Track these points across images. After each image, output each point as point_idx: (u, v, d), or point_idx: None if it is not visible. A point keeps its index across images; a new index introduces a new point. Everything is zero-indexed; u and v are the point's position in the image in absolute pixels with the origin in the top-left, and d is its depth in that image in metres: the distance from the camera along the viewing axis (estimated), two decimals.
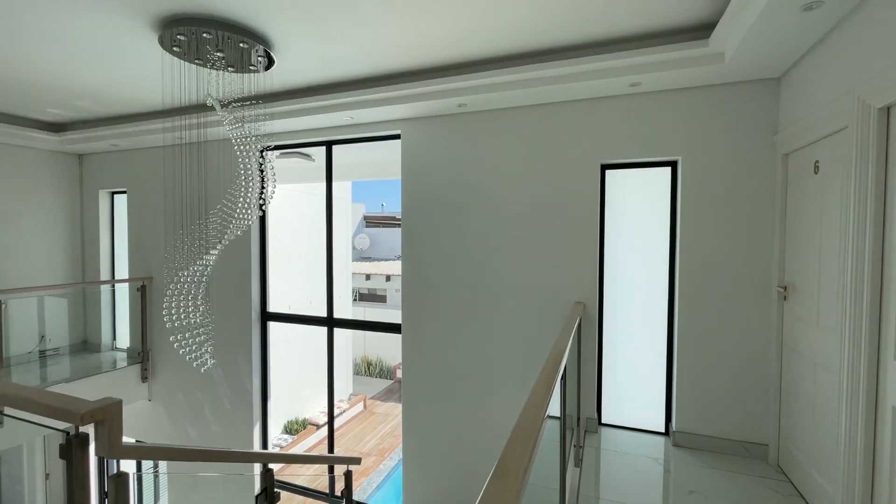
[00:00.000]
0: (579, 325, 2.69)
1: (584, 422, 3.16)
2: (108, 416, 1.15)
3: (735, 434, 2.83)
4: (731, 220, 2.84)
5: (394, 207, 20.88)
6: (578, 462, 2.70)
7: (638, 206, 3.23)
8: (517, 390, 3.36)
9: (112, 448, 1.17)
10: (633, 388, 3.24)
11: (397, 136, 3.80)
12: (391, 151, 4.11)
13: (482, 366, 3.47)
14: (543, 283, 3.28)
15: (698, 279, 2.92)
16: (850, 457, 1.84)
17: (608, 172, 3.24)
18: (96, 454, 1.18)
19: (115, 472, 1.28)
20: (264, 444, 4.60)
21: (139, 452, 1.40)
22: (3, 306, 3.82)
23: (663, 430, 3.14)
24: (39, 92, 3.59)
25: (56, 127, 4.63)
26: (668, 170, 3.11)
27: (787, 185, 2.62)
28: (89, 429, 1.16)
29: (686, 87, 2.90)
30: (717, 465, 2.70)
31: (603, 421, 3.28)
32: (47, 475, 5.60)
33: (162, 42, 2.53)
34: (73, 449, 1.16)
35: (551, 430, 1.57)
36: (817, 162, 2.27)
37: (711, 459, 2.77)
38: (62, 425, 1.22)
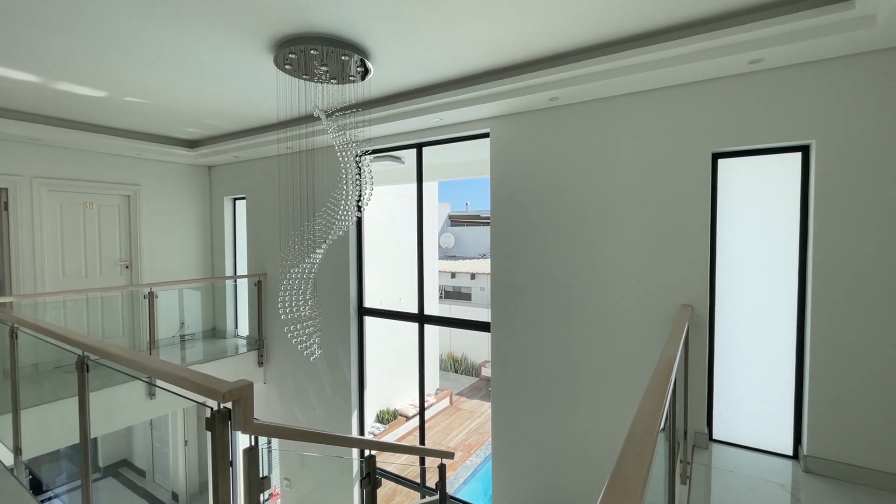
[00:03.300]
0: (688, 330, 2.46)
1: (691, 436, 2.89)
2: (243, 395, 1.30)
3: (888, 465, 2.38)
4: (882, 212, 2.39)
5: (477, 206, 20.99)
6: (685, 479, 2.48)
7: (757, 198, 2.86)
8: (611, 396, 3.18)
9: (245, 424, 1.32)
10: (753, 402, 2.88)
11: (486, 135, 3.80)
12: (478, 151, 4.12)
13: (574, 368, 3.34)
14: (644, 284, 3.06)
15: (838, 281, 2.50)
16: None
17: (721, 161, 2.91)
18: (233, 429, 1.34)
19: (248, 445, 1.45)
20: (361, 431, 4.90)
21: (270, 430, 1.56)
22: (155, 298, 4.53)
23: (791, 454, 2.75)
24: (179, 114, 4.19)
25: (191, 143, 5.39)
26: (796, 156, 2.72)
27: None
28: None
29: (821, 60, 2.50)
30: (862, 499, 2.30)
31: (714, 437, 2.97)
32: (186, 442, 6.55)
33: (276, 62, 2.81)
34: (216, 423, 1.32)
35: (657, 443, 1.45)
36: None
37: (854, 492, 2.36)
38: (199, 399, 1.40)
